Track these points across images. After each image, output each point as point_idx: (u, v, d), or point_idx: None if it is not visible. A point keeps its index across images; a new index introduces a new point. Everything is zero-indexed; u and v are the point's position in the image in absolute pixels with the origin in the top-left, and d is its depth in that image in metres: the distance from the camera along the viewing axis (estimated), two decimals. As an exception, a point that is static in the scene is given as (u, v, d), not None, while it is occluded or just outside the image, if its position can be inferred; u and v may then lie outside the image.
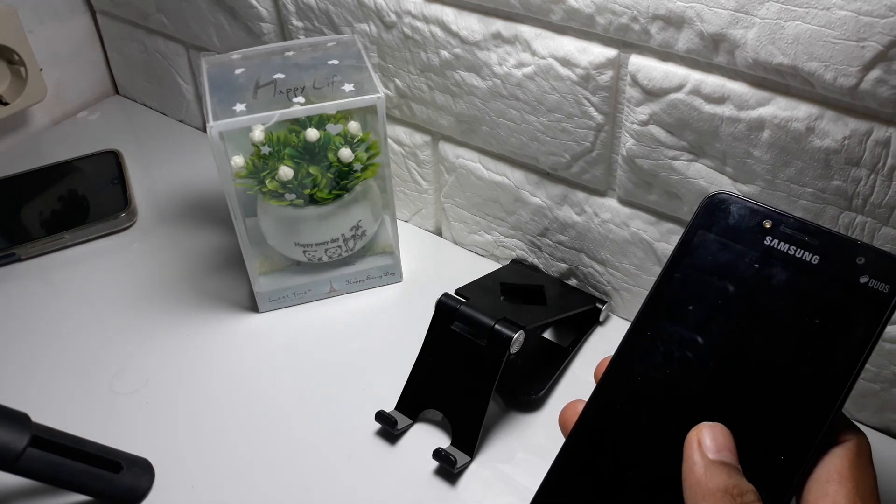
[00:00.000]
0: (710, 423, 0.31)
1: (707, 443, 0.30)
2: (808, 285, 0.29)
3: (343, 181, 0.60)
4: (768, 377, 0.30)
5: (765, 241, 0.30)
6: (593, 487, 0.32)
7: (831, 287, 0.29)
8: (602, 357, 0.37)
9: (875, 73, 0.40)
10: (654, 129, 0.51)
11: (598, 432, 0.33)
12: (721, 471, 0.30)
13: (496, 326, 0.52)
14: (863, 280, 0.28)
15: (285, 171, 0.57)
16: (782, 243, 0.30)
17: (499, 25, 0.55)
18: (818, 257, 0.29)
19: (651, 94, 0.50)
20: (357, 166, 0.60)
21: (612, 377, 0.33)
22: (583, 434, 0.33)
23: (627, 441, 0.32)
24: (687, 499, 0.30)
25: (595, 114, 0.53)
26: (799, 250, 0.30)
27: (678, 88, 0.48)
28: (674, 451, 0.31)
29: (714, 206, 0.32)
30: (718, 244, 0.31)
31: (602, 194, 0.58)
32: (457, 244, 0.71)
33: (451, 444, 0.53)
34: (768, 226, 0.30)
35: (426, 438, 0.54)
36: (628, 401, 0.32)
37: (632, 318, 0.62)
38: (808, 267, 0.29)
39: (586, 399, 0.35)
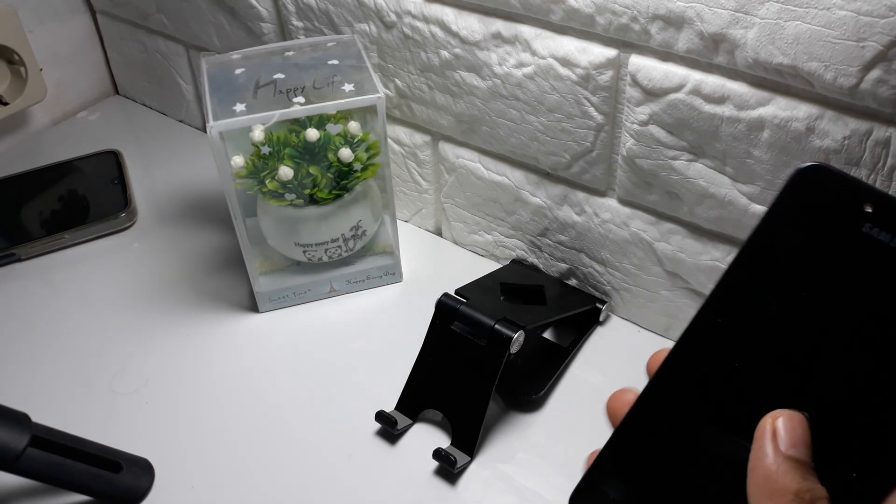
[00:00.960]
0: (790, 410, 0.27)
1: (782, 433, 0.27)
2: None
3: (343, 181, 0.60)
4: (851, 378, 0.27)
5: (863, 228, 0.26)
6: (646, 477, 0.30)
7: None
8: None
9: (875, 73, 0.40)
10: (654, 129, 0.51)
11: (656, 420, 0.30)
12: (795, 469, 0.26)
13: (496, 326, 0.52)
14: None
15: (285, 171, 0.57)
16: (883, 232, 0.25)
17: (499, 25, 0.55)
18: None
19: (651, 94, 0.50)
20: (357, 166, 0.60)
21: (674, 365, 0.30)
22: (638, 423, 0.31)
23: (688, 432, 0.30)
24: (751, 492, 0.27)
25: (595, 114, 0.53)
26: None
27: (678, 88, 0.48)
28: (737, 449, 0.28)
29: (808, 180, 0.27)
30: (808, 225, 0.27)
31: (602, 194, 0.58)
32: (457, 244, 0.71)
33: (451, 444, 0.53)
34: (869, 209, 0.26)
35: (426, 438, 0.54)
36: (692, 390, 0.29)
37: (631, 318, 0.62)
38: None
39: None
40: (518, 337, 0.51)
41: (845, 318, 0.26)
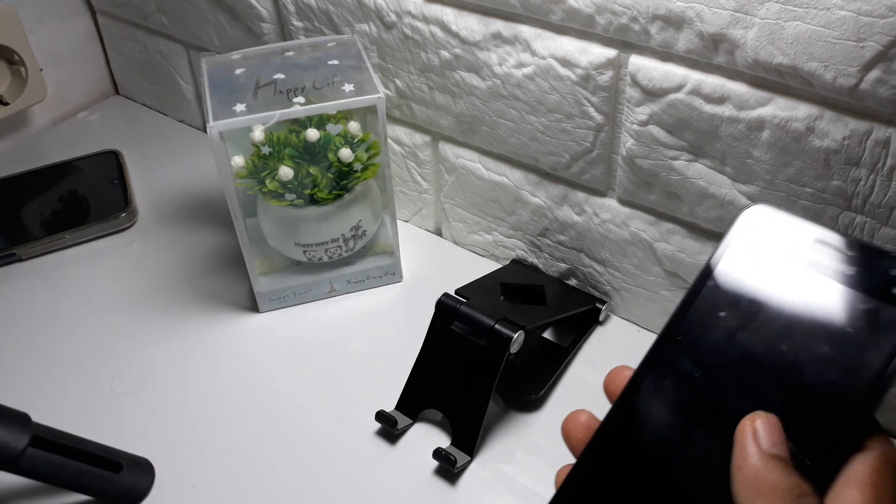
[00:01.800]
0: (765, 413, 0.29)
1: (762, 434, 0.28)
2: (841, 296, 0.30)
3: (343, 181, 0.60)
4: (800, 384, 0.30)
5: (799, 253, 0.31)
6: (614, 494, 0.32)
7: (864, 297, 0.29)
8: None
9: (875, 73, 0.40)
10: (654, 129, 0.51)
11: (620, 444, 0.32)
12: (780, 466, 0.27)
13: (496, 326, 0.52)
14: (895, 290, 0.29)
15: (285, 171, 0.57)
16: (817, 254, 0.30)
17: (499, 25, 0.55)
18: (853, 269, 0.30)
19: (651, 94, 0.50)
20: (357, 166, 0.60)
21: (637, 385, 0.33)
22: (602, 450, 0.33)
23: (653, 450, 0.31)
24: (739, 493, 0.27)
25: (595, 114, 0.53)
26: (833, 262, 0.30)
27: (678, 88, 0.48)
28: (699, 461, 0.30)
29: (754, 219, 0.32)
30: (753, 254, 0.32)
31: (602, 194, 0.58)
32: (457, 244, 0.71)
33: (451, 443, 0.53)
34: (804, 237, 0.31)
35: (426, 438, 0.54)
36: (655, 408, 0.32)
37: (631, 318, 0.62)
38: (842, 278, 0.30)
39: (578, 407, 0.34)
40: (518, 337, 0.51)
41: (794, 330, 0.30)
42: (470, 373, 0.52)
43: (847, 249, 0.30)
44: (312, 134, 0.57)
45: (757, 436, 0.28)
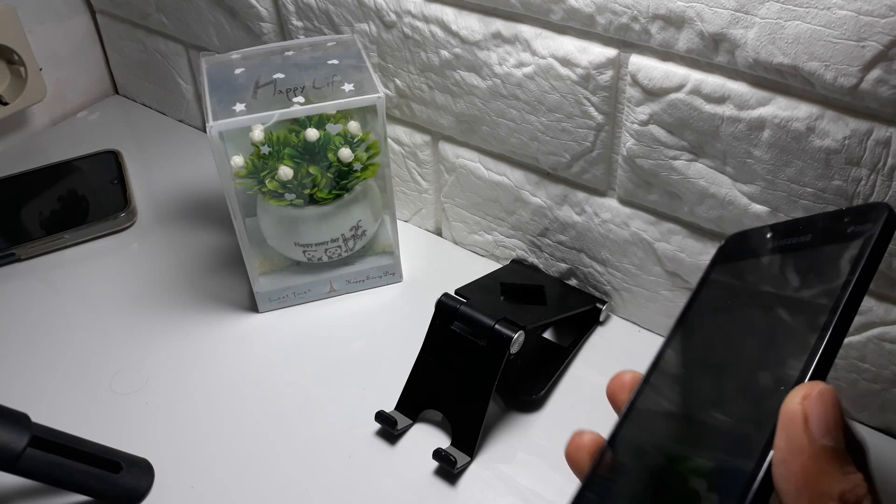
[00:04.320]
0: (818, 385, 0.24)
1: (814, 420, 0.23)
2: (811, 255, 0.33)
3: (343, 181, 0.60)
4: (791, 330, 0.31)
5: (769, 245, 0.36)
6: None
7: (829, 246, 0.33)
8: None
9: (875, 73, 0.40)
10: (655, 129, 0.51)
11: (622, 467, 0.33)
12: (833, 462, 0.23)
13: (496, 326, 0.52)
14: (850, 230, 0.32)
15: (285, 171, 0.57)
16: (785, 239, 0.35)
17: (499, 25, 0.55)
18: (811, 235, 0.34)
19: (651, 93, 0.50)
20: (357, 166, 0.60)
21: (651, 379, 0.36)
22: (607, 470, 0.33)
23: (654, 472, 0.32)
24: (784, 489, 0.24)
25: (595, 113, 0.53)
26: (798, 237, 0.34)
27: (678, 88, 0.48)
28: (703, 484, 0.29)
29: (733, 240, 0.38)
30: (740, 261, 0.37)
31: (602, 194, 0.58)
32: (457, 244, 0.70)
33: (451, 444, 0.53)
34: (769, 235, 0.36)
35: (426, 438, 0.54)
36: (653, 428, 0.33)
37: (631, 318, 0.62)
38: (807, 242, 0.34)
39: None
40: (518, 337, 0.51)
41: (780, 307, 0.33)
42: (470, 373, 0.52)
43: (806, 224, 0.35)
44: (312, 134, 0.57)
45: (809, 422, 0.24)
